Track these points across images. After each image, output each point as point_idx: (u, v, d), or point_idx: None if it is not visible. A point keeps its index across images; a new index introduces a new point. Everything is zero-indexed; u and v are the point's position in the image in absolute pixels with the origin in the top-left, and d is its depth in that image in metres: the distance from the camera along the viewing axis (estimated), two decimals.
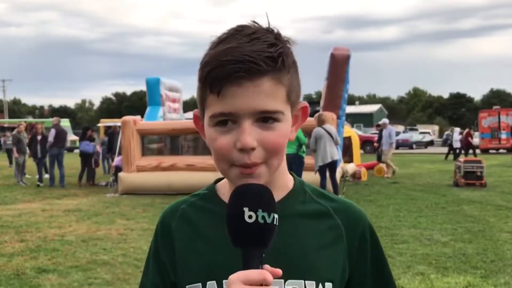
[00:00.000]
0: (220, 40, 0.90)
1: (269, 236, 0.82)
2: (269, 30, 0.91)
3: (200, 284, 0.95)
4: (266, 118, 0.88)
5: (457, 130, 25.51)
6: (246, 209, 0.81)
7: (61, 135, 14.68)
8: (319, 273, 0.95)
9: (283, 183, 1.00)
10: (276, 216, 0.82)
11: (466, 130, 26.04)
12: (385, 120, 17.66)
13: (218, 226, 0.94)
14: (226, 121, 0.88)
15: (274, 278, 0.80)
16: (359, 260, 1.02)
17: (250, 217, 0.80)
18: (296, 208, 0.99)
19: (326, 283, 0.96)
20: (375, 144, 19.45)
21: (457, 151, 24.74)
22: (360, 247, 1.02)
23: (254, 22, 0.92)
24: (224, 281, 0.92)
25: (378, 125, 21.74)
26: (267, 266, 0.81)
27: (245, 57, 0.85)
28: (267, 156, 0.89)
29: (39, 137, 15.05)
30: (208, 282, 0.95)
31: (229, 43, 0.88)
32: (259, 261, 0.81)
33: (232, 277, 0.79)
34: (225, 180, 1.03)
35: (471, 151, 25.75)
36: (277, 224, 0.82)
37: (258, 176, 0.90)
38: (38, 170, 14.90)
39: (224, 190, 1.02)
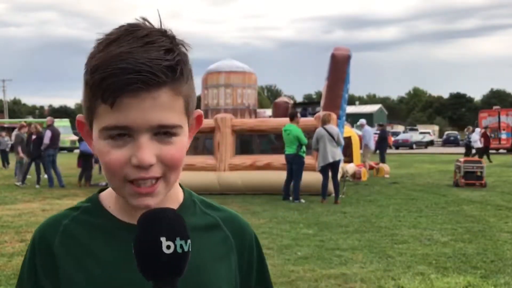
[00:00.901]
0: (109, 40, 0.81)
1: (185, 264, 0.75)
2: (163, 32, 0.83)
3: None
4: (164, 132, 0.82)
5: (477, 130, 24.28)
6: (163, 239, 0.73)
7: (56, 136, 14.67)
8: (215, 287, 0.90)
9: (175, 196, 0.94)
10: (189, 242, 0.75)
11: (483, 130, 24.73)
12: (362, 121, 17.76)
13: (109, 244, 0.88)
14: (121, 134, 0.80)
15: None
16: (247, 272, 0.99)
17: (168, 247, 0.73)
18: (189, 221, 0.84)
19: None
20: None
21: (474, 151, 23.57)
22: (249, 258, 0.99)
23: (145, 20, 0.84)
24: None
25: (380, 125, 21.75)
26: None
27: (142, 67, 0.77)
28: (165, 171, 0.83)
29: (33, 137, 14.70)
30: None
31: (121, 45, 0.79)
32: None
33: None
34: (109, 191, 0.94)
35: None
36: (190, 250, 0.75)
37: (157, 195, 0.84)
38: (36, 171, 14.64)
39: (110, 202, 0.93)
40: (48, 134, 14.37)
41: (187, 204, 0.96)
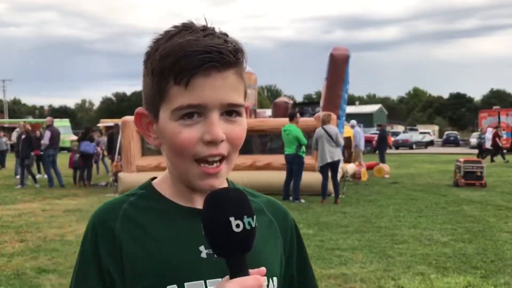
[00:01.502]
0: (170, 34, 0.87)
1: (253, 240, 0.79)
2: (214, 29, 0.88)
3: None
4: (230, 112, 0.87)
5: (489, 130, 24.03)
6: (232, 219, 0.77)
7: (55, 136, 14.65)
8: (268, 268, 0.91)
9: (223, 182, 0.97)
10: (255, 217, 0.80)
11: (494, 130, 24.16)
12: (353, 122, 17.82)
13: (168, 226, 0.92)
14: (192, 114, 0.85)
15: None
16: (290, 255, 1.04)
17: (237, 226, 0.77)
18: None
19: (274, 278, 0.96)
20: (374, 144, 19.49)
21: (486, 151, 23.50)
22: (291, 243, 1.04)
23: (193, 22, 0.89)
24: (186, 283, 0.88)
25: (379, 125, 21.75)
26: (252, 270, 0.80)
27: (212, 48, 0.83)
28: (230, 150, 0.88)
29: (22, 137, 14.53)
30: (168, 287, 0.88)
31: (184, 37, 0.85)
32: (245, 265, 0.79)
33: (227, 287, 0.77)
34: (161, 179, 0.98)
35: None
36: (256, 226, 0.80)
37: (221, 175, 0.89)
38: (28, 171, 14.47)
39: (164, 189, 0.96)
40: (47, 134, 14.35)
41: None
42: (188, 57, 0.83)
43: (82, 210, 9.87)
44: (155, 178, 1.00)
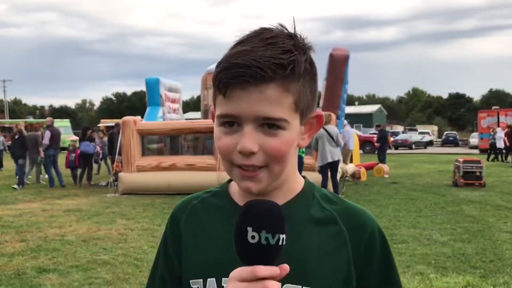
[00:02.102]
0: (239, 41, 0.91)
1: (273, 256, 0.80)
2: (291, 35, 0.90)
3: (201, 280, 0.96)
4: (270, 125, 0.88)
5: (499, 129, 23.73)
6: (250, 229, 0.79)
7: (56, 136, 14.64)
8: (317, 280, 0.92)
9: (290, 187, 0.99)
10: (282, 236, 0.79)
11: (506, 129, 23.82)
12: (344, 121, 17.76)
13: (223, 223, 0.97)
14: (232, 122, 0.89)
15: (281, 277, 0.80)
16: (365, 267, 0.98)
17: (253, 237, 0.78)
18: (301, 212, 0.97)
19: None
20: (377, 144, 19.48)
21: (498, 150, 23.24)
22: (366, 253, 0.98)
23: (280, 25, 0.92)
24: (223, 278, 0.92)
25: (378, 125, 21.76)
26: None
27: (252, 62, 0.85)
28: (267, 161, 0.89)
29: (16, 137, 14.40)
30: (208, 279, 0.95)
31: (245, 45, 0.88)
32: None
33: (233, 273, 0.80)
34: None
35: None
36: (283, 244, 0.80)
37: (259, 181, 0.91)
38: (20, 171, 14.23)
39: (236, 190, 1.01)
40: (47, 134, 14.34)
41: (304, 196, 1.00)
42: (227, 69, 0.87)
43: (83, 210, 9.88)
44: None
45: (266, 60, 0.85)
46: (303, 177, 1.03)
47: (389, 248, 1.03)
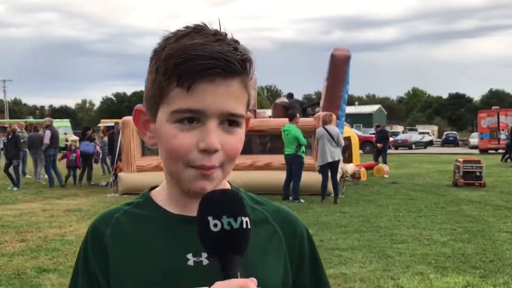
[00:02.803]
0: (179, 35, 0.85)
1: (240, 241, 0.78)
2: (226, 34, 0.86)
3: None
4: (230, 121, 0.85)
5: None
6: (210, 218, 0.77)
7: (55, 135, 14.66)
8: (262, 281, 0.88)
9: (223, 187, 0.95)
10: (245, 219, 0.78)
11: None
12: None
13: (158, 234, 0.91)
14: (191, 118, 0.83)
15: None
16: (300, 266, 0.99)
17: (215, 225, 0.76)
18: None
19: None
20: (379, 144, 19.44)
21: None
22: (300, 252, 0.99)
23: (203, 23, 0.87)
24: None
25: (377, 126, 21.75)
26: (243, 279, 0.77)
27: (219, 55, 0.81)
28: (224, 161, 0.86)
29: (9, 136, 14.16)
30: None
31: (194, 39, 0.83)
32: (237, 268, 0.78)
33: None
34: (161, 186, 0.98)
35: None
36: (248, 227, 0.78)
37: (214, 180, 0.86)
38: (15, 172, 13.88)
39: (161, 196, 0.96)
40: (47, 134, 14.35)
41: None
42: (193, 60, 0.81)
43: (83, 210, 9.88)
44: (156, 186, 1.00)
45: (230, 55, 0.82)
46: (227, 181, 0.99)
47: (315, 247, 1.04)
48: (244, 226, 0.78)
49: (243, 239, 0.78)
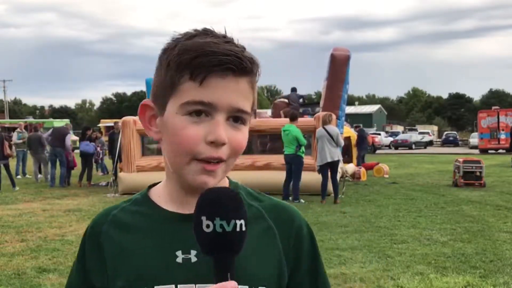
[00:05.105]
0: (190, 35, 0.88)
1: (233, 243, 0.79)
2: (233, 39, 0.89)
3: None
4: (237, 118, 0.87)
5: None
6: (203, 218, 0.78)
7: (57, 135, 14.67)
8: (251, 277, 0.90)
9: (222, 185, 0.96)
10: (239, 222, 0.79)
11: None
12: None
13: (151, 230, 0.93)
14: (199, 111, 0.85)
15: None
16: (297, 262, 0.98)
17: (208, 226, 0.77)
18: None
19: None
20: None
21: None
22: (296, 247, 0.98)
23: (213, 29, 0.90)
24: (156, 287, 0.89)
25: (356, 126, 21.11)
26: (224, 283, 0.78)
27: (231, 53, 0.84)
28: (230, 155, 0.88)
29: None
30: None
31: (205, 38, 0.86)
32: (228, 268, 0.79)
33: None
34: (161, 184, 0.99)
35: None
36: (242, 230, 0.79)
37: (216, 175, 0.88)
38: (8, 174, 13.71)
39: (160, 193, 0.98)
40: (69, 136, 14.49)
41: None
42: (208, 55, 0.83)
43: (83, 210, 9.89)
44: (158, 183, 1.01)
45: (241, 54, 0.85)
46: (227, 177, 0.99)
47: (316, 243, 1.03)
48: (238, 229, 0.78)
49: (236, 241, 0.79)
